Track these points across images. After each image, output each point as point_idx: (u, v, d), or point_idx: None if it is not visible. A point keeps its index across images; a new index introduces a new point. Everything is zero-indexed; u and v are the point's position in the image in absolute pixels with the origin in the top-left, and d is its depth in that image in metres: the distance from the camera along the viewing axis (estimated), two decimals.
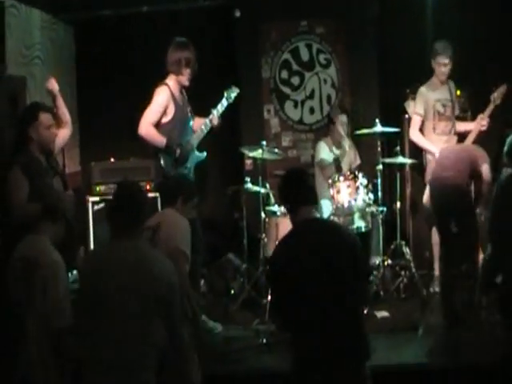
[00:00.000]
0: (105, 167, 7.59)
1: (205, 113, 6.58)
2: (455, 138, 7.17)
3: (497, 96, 6.91)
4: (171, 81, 6.34)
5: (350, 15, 8.29)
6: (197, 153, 6.46)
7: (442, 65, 7.01)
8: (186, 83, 6.39)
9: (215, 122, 6.43)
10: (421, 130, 7.16)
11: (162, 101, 6.22)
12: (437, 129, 7.13)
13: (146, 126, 6.18)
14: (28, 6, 7.30)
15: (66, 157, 7.03)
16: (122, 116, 7.91)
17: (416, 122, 7.16)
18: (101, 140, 8.15)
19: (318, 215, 4.29)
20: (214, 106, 6.53)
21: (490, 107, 6.96)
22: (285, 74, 8.53)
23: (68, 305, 4.26)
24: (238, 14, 8.27)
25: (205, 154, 6.52)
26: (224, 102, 6.49)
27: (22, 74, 7.02)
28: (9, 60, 6.74)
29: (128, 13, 8.19)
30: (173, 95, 6.28)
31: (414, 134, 7.16)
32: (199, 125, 6.51)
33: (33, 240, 4.45)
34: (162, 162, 6.26)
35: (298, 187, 4.18)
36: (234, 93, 6.56)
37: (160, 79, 6.40)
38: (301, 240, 4.05)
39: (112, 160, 7.74)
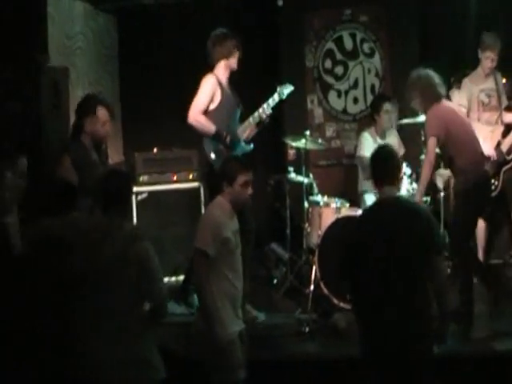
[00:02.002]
0: (148, 157, 7.63)
1: (246, 101, 6.53)
2: (501, 128, 7.04)
3: None
4: (219, 68, 6.31)
5: (392, 2, 8.21)
6: (243, 144, 6.42)
7: (490, 59, 6.86)
8: (235, 66, 6.36)
9: (264, 115, 6.38)
10: None
11: (209, 88, 6.20)
12: (481, 119, 7.01)
13: (196, 115, 6.16)
14: None
15: (108, 147, 7.08)
16: (165, 105, 7.94)
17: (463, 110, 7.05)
18: (143, 130, 8.16)
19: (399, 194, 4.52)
20: (266, 99, 6.44)
21: None
22: (328, 64, 8.49)
23: None
24: (281, 2, 8.23)
25: (251, 146, 6.46)
26: (276, 97, 6.42)
27: (64, 65, 7.07)
28: (51, 50, 6.79)
29: (169, 1, 8.19)
30: (220, 83, 6.25)
31: None
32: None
33: None
34: (206, 150, 6.24)
35: (383, 165, 4.38)
36: (287, 89, 6.47)
37: (204, 67, 6.37)
38: (377, 217, 4.28)
39: (155, 150, 7.76)
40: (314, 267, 6.54)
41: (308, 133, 7.00)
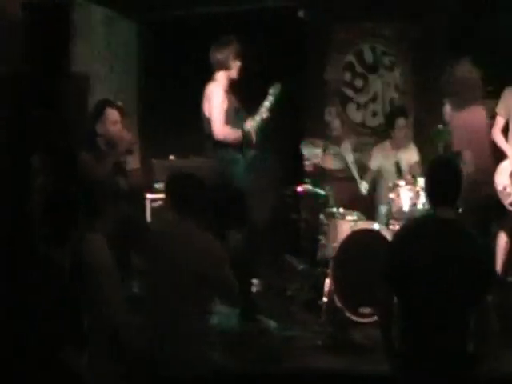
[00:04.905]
0: (165, 165, 7.63)
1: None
2: None
3: None
4: (220, 77, 6.31)
5: (416, 19, 8.20)
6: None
7: None
8: (236, 75, 6.36)
9: (263, 115, 6.38)
10: (507, 130, 6.98)
11: (220, 98, 6.21)
12: None
13: (221, 128, 6.18)
14: (93, 4, 7.39)
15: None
16: (184, 114, 7.95)
17: (497, 121, 6.92)
18: (161, 137, 8.18)
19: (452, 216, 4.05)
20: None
21: None
22: (348, 76, 8.48)
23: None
24: (301, 14, 8.25)
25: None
26: (270, 98, 6.43)
27: (86, 72, 7.10)
28: (73, 58, 6.82)
29: (193, 12, 8.22)
30: (224, 91, 6.27)
31: (494, 134, 6.96)
32: None
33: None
34: (219, 161, 6.25)
35: (438, 184, 4.02)
36: (276, 89, 6.48)
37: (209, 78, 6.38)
38: (423, 239, 3.92)
39: (172, 157, 7.77)
40: (328, 280, 6.53)
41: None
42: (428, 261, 3.85)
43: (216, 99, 6.20)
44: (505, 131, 6.93)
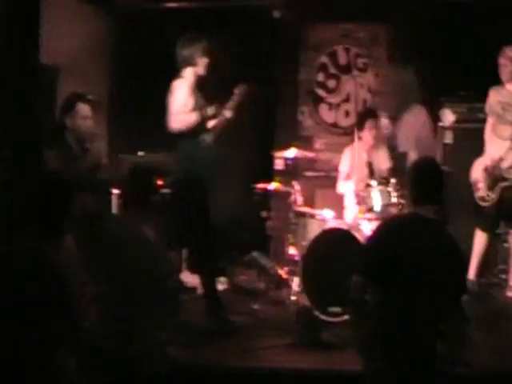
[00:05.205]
0: (133, 160, 7.55)
1: None
2: None
3: None
4: (187, 74, 6.22)
5: (391, 21, 8.21)
6: None
7: (502, 65, 6.84)
8: (203, 72, 6.26)
9: (228, 115, 6.27)
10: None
11: (184, 91, 6.08)
12: (496, 131, 6.98)
13: (177, 116, 6.03)
14: None
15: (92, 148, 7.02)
16: (153, 109, 7.86)
17: (487, 121, 7.06)
18: (130, 132, 8.10)
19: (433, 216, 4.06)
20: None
21: None
22: (321, 77, 8.47)
23: None
24: (277, 14, 8.22)
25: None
26: (234, 98, 6.34)
27: (58, 64, 7.00)
28: (44, 49, 6.71)
29: (167, 7, 8.15)
30: (191, 87, 6.17)
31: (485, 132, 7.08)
32: None
33: None
34: (181, 158, 6.13)
35: (420, 183, 4.06)
36: (241, 89, 6.38)
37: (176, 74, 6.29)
38: (403, 238, 3.94)
39: (140, 153, 7.69)
40: (297, 278, 6.50)
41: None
42: (407, 258, 3.85)
43: (176, 93, 6.06)
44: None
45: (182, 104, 6.02)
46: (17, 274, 3.61)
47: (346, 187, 7.27)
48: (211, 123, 6.16)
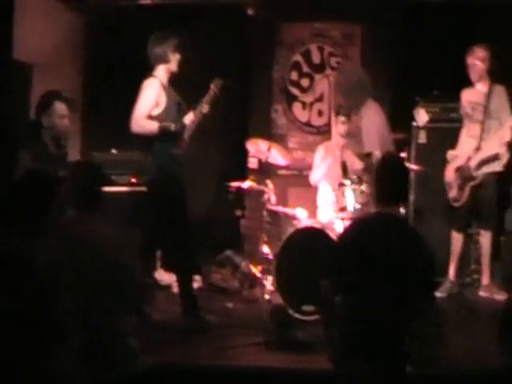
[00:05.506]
0: (106, 158, 7.52)
1: None
2: (490, 144, 6.89)
3: None
4: (159, 72, 6.17)
5: (365, 20, 8.27)
6: None
7: (470, 65, 6.93)
8: (175, 69, 6.22)
9: (205, 110, 6.23)
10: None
11: (153, 92, 6.03)
12: (468, 132, 7.06)
13: (138, 121, 5.99)
14: None
15: (67, 145, 6.99)
16: (127, 107, 7.85)
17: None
18: (103, 130, 8.06)
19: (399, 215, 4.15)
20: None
21: None
22: (295, 76, 8.49)
23: None
24: (251, 12, 8.22)
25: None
26: (211, 92, 6.31)
27: (30, 61, 6.95)
28: (16, 47, 6.67)
29: (140, 4, 8.12)
30: (163, 86, 6.13)
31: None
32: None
33: None
34: (157, 155, 6.07)
35: (386, 183, 4.05)
36: (217, 84, 6.33)
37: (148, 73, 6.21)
38: (371, 235, 3.94)
39: (114, 151, 7.66)
40: (270, 277, 6.52)
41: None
42: (376, 259, 3.86)
43: (143, 95, 6.01)
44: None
45: (147, 107, 5.98)
46: None
47: (317, 176, 7.26)
48: (188, 119, 6.15)
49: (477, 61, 6.90)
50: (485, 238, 6.97)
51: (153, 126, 5.96)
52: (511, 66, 7.10)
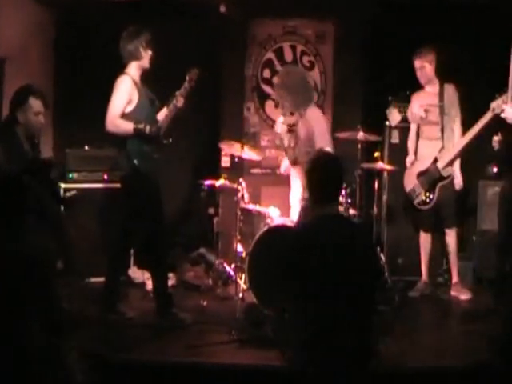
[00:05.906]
0: (79, 155, 7.52)
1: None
2: (452, 141, 7.03)
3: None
4: (131, 69, 6.12)
5: (338, 18, 8.27)
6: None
7: (418, 68, 7.03)
8: (147, 65, 6.20)
9: (180, 103, 6.22)
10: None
11: (125, 90, 6.00)
12: (423, 135, 7.18)
13: (113, 120, 5.95)
14: None
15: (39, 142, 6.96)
16: (100, 103, 7.82)
17: (411, 127, 7.30)
18: (76, 126, 8.03)
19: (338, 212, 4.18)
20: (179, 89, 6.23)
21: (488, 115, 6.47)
22: (267, 73, 8.50)
23: None
24: (223, 9, 8.21)
25: (170, 140, 6.21)
26: (186, 84, 6.28)
27: (2, 55, 6.92)
28: None
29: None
30: (135, 83, 6.09)
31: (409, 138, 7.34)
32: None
33: None
34: (130, 152, 6.01)
35: (325, 182, 4.05)
36: (193, 74, 6.30)
37: (120, 70, 6.16)
38: (318, 236, 3.95)
39: (86, 148, 7.65)
40: (243, 275, 6.55)
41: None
42: (329, 257, 3.88)
43: (116, 93, 5.99)
44: None
45: (120, 106, 5.96)
46: None
47: (285, 164, 7.27)
48: (161, 114, 6.15)
49: (425, 63, 7.00)
50: (450, 237, 7.05)
51: (128, 127, 5.94)
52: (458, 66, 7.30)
